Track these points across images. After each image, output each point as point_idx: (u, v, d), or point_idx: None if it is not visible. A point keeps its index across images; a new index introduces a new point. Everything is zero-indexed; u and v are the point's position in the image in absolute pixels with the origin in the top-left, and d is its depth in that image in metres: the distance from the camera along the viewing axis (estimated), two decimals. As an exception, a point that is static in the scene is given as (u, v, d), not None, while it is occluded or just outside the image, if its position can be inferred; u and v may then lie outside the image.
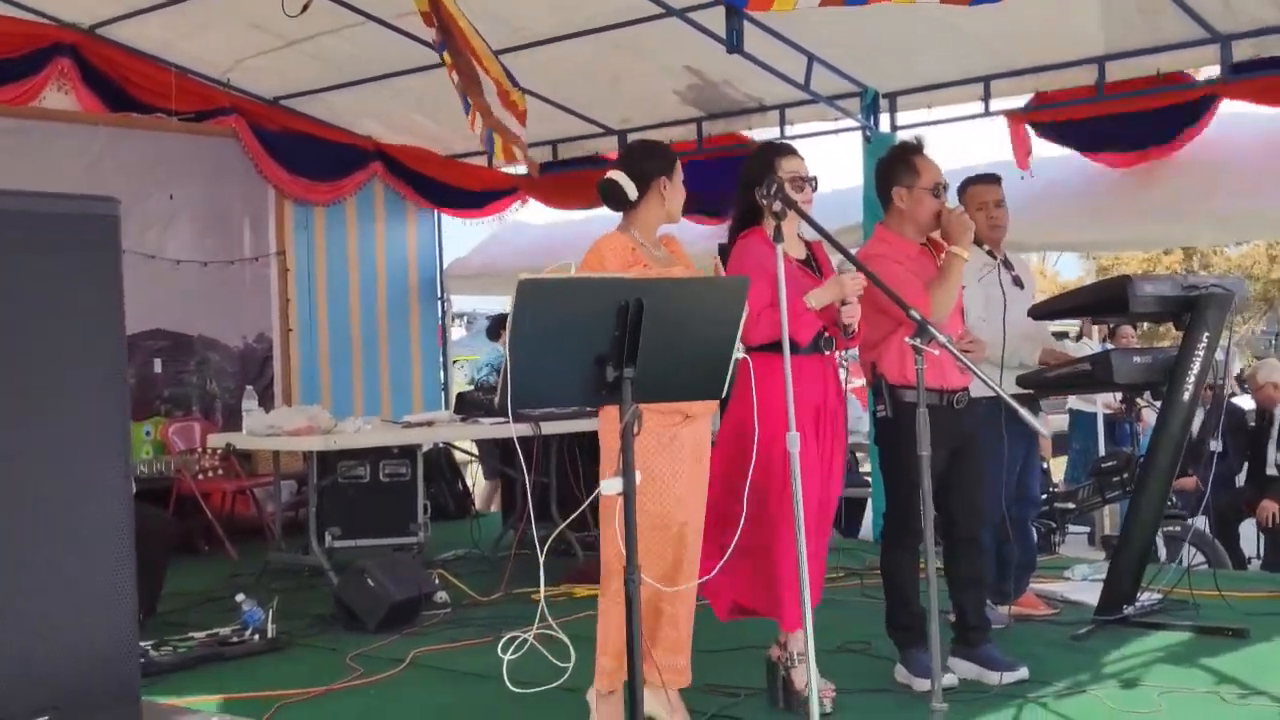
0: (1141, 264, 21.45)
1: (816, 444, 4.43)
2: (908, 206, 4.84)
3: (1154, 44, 7.26)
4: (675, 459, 4.13)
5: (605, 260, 4.08)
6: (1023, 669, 4.81)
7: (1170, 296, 5.66)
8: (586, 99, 9.21)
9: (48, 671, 2.28)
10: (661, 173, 4.26)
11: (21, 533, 2.31)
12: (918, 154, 4.89)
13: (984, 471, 4.95)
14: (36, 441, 2.32)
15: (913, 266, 4.71)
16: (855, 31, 7.63)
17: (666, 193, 4.26)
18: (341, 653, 5.52)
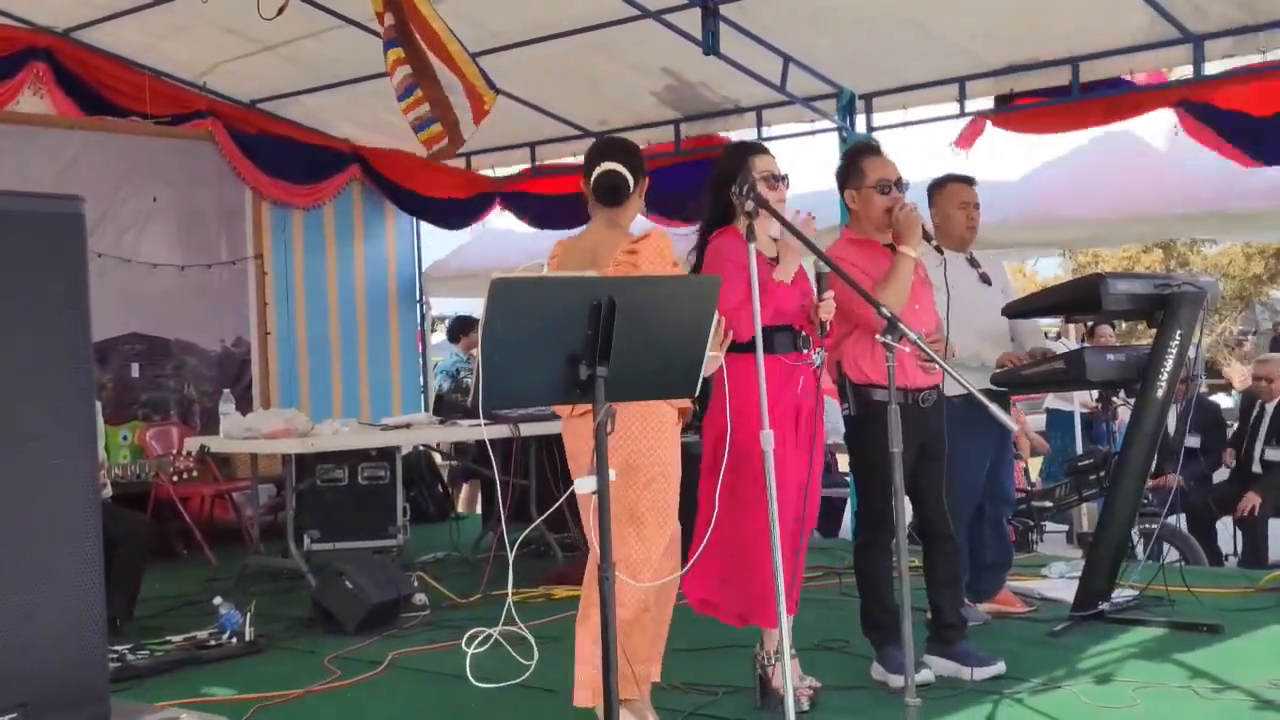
0: (1120, 263, 21.54)
1: (796, 444, 4.44)
2: (859, 206, 4.89)
3: (1127, 44, 7.31)
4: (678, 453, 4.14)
5: (564, 261, 4.11)
6: (999, 664, 4.84)
7: (1143, 295, 5.69)
8: (564, 101, 9.22)
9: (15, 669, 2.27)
10: (641, 174, 4.30)
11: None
12: (864, 155, 4.94)
13: (955, 469, 4.96)
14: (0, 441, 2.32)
15: (864, 265, 4.71)
16: (831, 33, 7.67)
17: (643, 188, 4.31)
18: (320, 655, 5.52)
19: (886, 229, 4.77)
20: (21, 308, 2.23)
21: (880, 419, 3.87)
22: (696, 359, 3.46)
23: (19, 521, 2.25)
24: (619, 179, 4.27)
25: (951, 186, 5.82)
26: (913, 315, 4.65)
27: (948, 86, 8.11)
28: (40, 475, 2.27)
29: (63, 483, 2.28)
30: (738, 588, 4.49)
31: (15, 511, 2.25)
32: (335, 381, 10.35)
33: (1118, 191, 8.34)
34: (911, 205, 4.72)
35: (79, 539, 2.30)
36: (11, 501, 2.25)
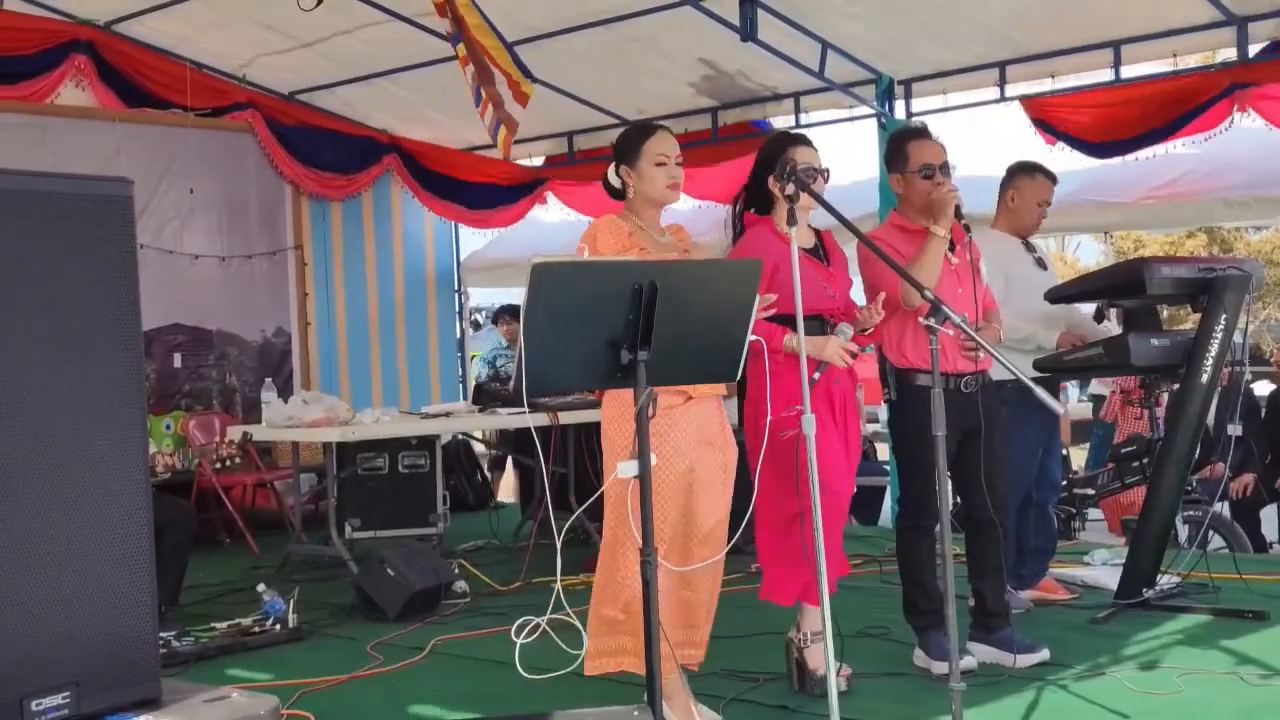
0: (1162, 248, 21.33)
1: (834, 426, 4.43)
2: (903, 191, 4.88)
3: (1169, 27, 7.23)
4: (675, 440, 4.10)
5: (598, 240, 4.08)
6: (1043, 651, 4.81)
7: (1187, 278, 5.63)
8: (601, 90, 9.23)
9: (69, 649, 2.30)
10: (622, 162, 4.24)
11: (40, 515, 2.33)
12: (910, 138, 4.91)
13: (1003, 455, 4.93)
14: (53, 425, 2.34)
15: (908, 248, 4.69)
16: (869, 19, 7.63)
17: (631, 180, 4.21)
18: (362, 642, 5.55)
19: (930, 213, 4.74)
20: (73, 288, 2.26)
21: (922, 404, 3.85)
22: (738, 342, 3.47)
23: (71, 504, 2.28)
24: (605, 180, 4.30)
25: (1041, 180, 5.77)
26: (955, 299, 4.62)
27: (987, 71, 8.05)
28: (92, 457, 2.31)
29: (114, 464, 2.31)
30: (794, 568, 4.48)
31: (67, 493, 2.28)
32: (375, 371, 10.39)
33: (1160, 175, 8.26)
34: (951, 186, 4.69)
35: (130, 521, 2.33)
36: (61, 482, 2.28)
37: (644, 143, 4.20)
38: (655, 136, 4.23)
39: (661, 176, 4.19)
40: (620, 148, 4.28)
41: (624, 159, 4.23)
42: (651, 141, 4.21)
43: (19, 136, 8.15)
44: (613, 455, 4.06)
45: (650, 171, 4.19)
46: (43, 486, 2.33)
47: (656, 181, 4.19)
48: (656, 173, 4.19)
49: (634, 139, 4.25)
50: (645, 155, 4.19)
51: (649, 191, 4.21)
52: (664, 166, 4.19)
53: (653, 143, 4.20)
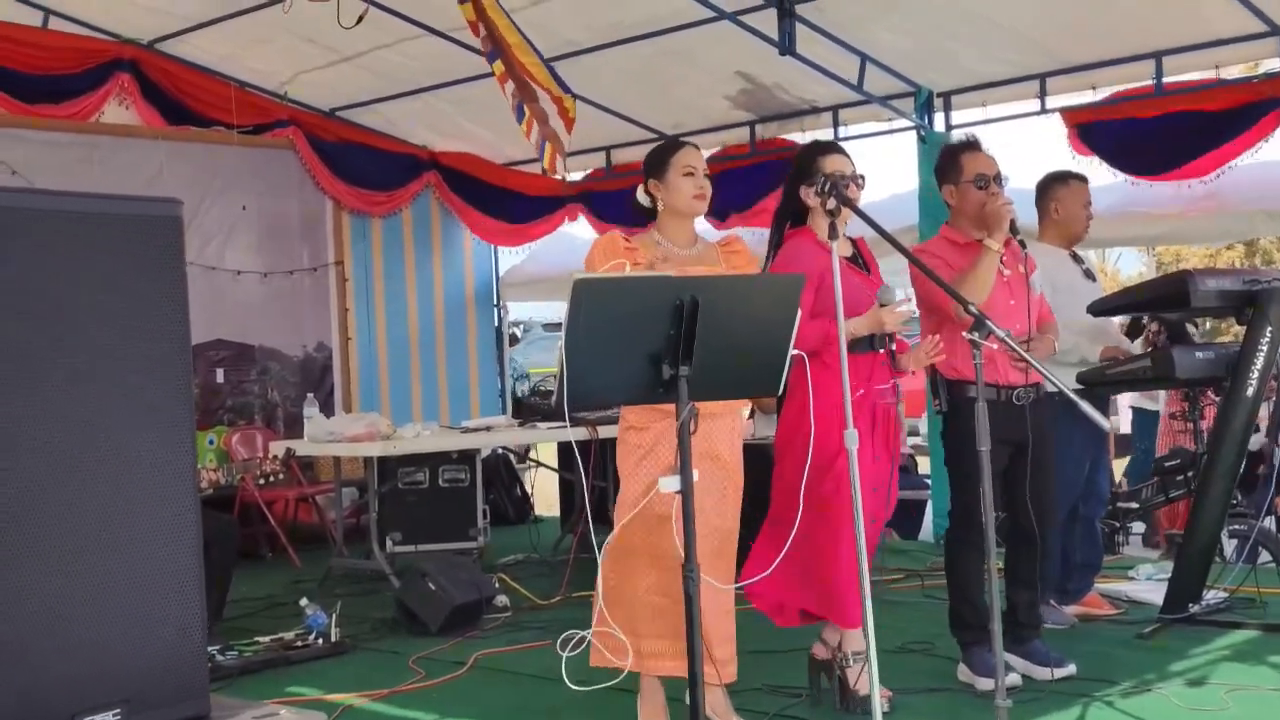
0: (1203, 260, 21.17)
1: (872, 443, 4.42)
2: (956, 202, 4.88)
3: (1211, 38, 7.18)
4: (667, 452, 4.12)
5: (594, 259, 4.13)
6: (1071, 665, 4.79)
7: (1232, 291, 5.59)
8: (638, 105, 9.24)
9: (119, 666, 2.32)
10: (651, 175, 4.28)
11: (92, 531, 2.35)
12: (963, 150, 4.91)
13: (1051, 469, 4.90)
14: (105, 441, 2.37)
15: (960, 261, 4.70)
16: (908, 31, 7.61)
17: (659, 193, 4.25)
18: (404, 655, 5.57)
19: (984, 225, 4.72)
20: (125, 307, 2.28)
21: (970, 416, 3.83)
22: (780, 357, 3.46)
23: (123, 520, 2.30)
24: (633, 200, 4.33)
25: (1076, 184, 5.79)
26: (1007, 311, 4.62)
27: (1027, 84, 8.01)
28: (143, 472, 2.33)
29: (164, 479, 2.33)
30: (814, 587, 4.46)
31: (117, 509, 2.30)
32: (415, 385, 10.43)
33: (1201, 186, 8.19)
34: (1006, 198, 4.68)
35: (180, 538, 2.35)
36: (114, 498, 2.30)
37: (672, 155, 4.26)
38: (683, 150, 4.30)
39: (689, 186, 4.23)
40: (648, 164, 4.33)
41: (652, 173, 4.28)
42: (680, 154, 4.27)
43: (66, 155, 8.25)
44: (626, 459, 4.19)
45: (678, 182, 4.23)
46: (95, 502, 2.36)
47: (683, 191, 4.23)
48: (684, 183, 4.22)
49: (661, 153, 4.32)
50: (673, 167, 4.24)
51: (676, 202, 4.24)
52: (691, 177, 4.23)
53: (681, 155, 4.26)
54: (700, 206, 4.29)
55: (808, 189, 4.41)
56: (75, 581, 2.29)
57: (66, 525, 2.28)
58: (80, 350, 2.29)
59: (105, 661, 2.27)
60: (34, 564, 2.25)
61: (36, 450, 2.26)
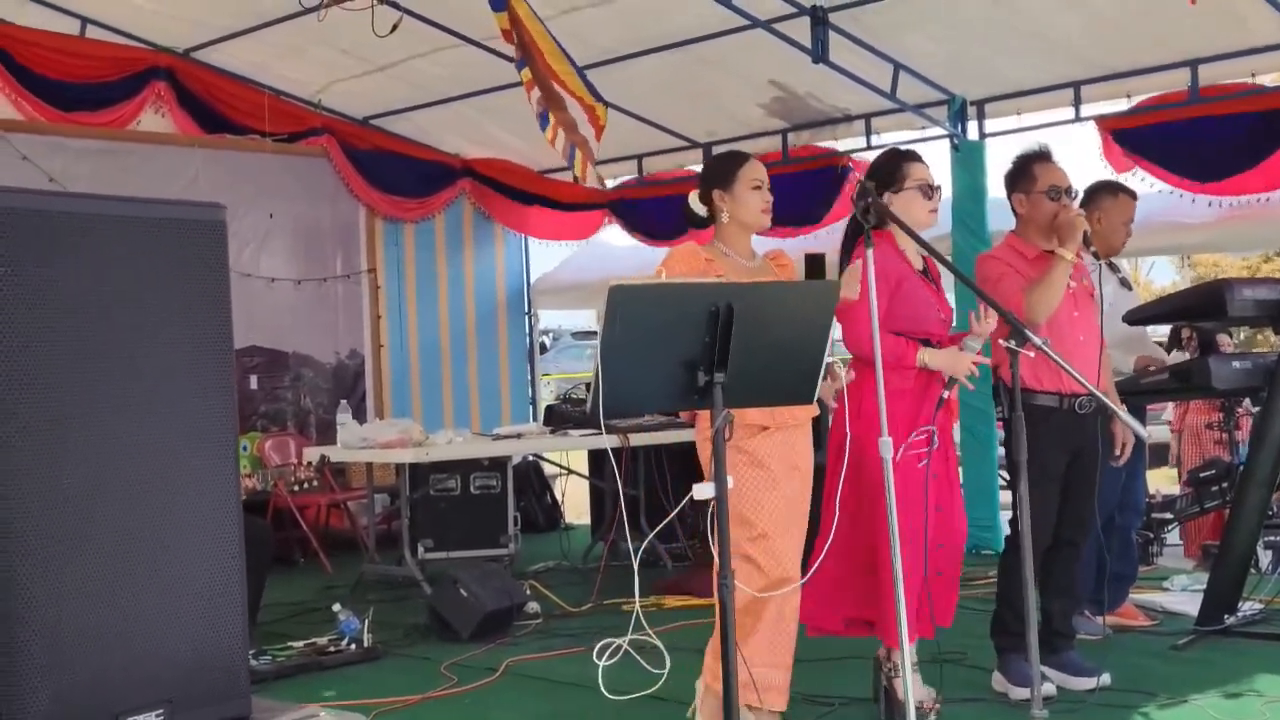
0: (1240, 271, 21.04)
1: (933, 458, 4.39)
2: (1026, 211, 4.88)
3: (1247, 46, 7.13)
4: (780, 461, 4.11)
5: (675, 268, 4.10)
6: (1105, 675, 4.77)
7: (1269, 300, 5.56)
8: (670, 113, 9.25)
9: (161, 667, 2.34)
10: (715, 186, 4.26)
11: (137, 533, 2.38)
12: (1036, 160, 4.90)
13: (1094, 480, 4.88)
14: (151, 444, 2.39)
15: (1028, 271, 4.70)
16: (941, 39, 7.59)
17: (725, 204, 4.23)
18: (436, 662, 5.58)
19: (1052, 236, 4.72)
20: (170, 308, 2.31)
21: (1034, 424, 3.83)
22: (815, 365, 3.45)
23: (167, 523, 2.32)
24: (685, 209, 4.32)
25: (1124, 199, 5.74)
26: (1071, 322, 4.64)
27: (1062, 91, 7.98)
28: (187, 477, 2.35)
29: (207, 484, 2.35)
30: (867, 601, 4.44)
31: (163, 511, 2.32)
32: (446, 392, 10.46)
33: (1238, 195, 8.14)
34: (1078, 210, 4.70)
35: (222, 540, 2.36)
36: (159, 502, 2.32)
37: (740, 168, 4.26)
38: (750, 162, 4.29)
39: (757, 200, 4.23)
40: (713, 173, 4.32)
41: (717, 183, 4.26)
42: (747, 167, 4.27)
43: (104, 162, 8.32)
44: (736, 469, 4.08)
45: (746, 195, 4.23)
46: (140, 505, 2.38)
47: (752, 205, 4.23)
48: (752, 196, 4.23)
49: (728, 164, 4.30)
50: (741, 180, 4.23)
51: (744, 216, 4.24)
52: (759, 191, 4.23)
53: (748, 168, 4.26)
54: (767, 220, 4.30)
55: (893, 196, 4.41)
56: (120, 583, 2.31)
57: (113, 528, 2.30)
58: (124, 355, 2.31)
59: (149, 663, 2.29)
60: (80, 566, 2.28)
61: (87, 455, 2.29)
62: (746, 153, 4.43)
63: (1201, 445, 8.39)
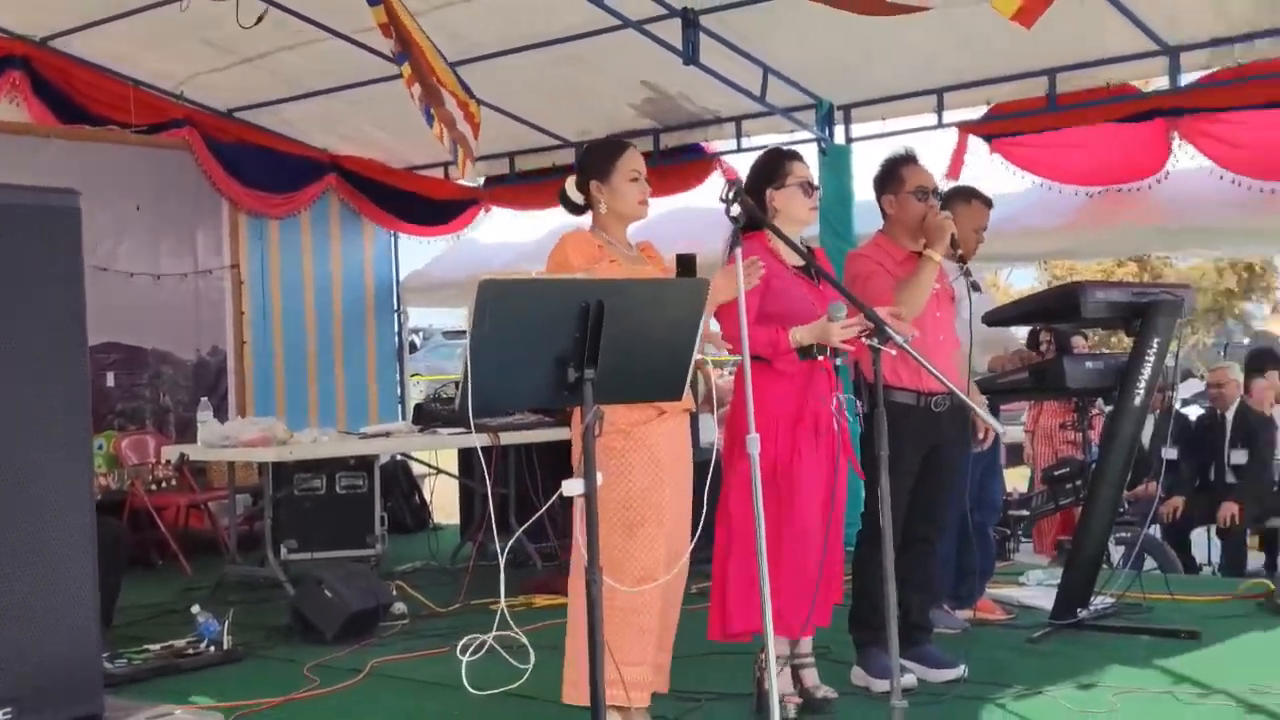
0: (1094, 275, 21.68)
1: (817, 452, 4.42)
2: (894, 212, 4.96)
3: (1103, 56, 7.36)
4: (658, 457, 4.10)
5: (569, 255, 4.07)
6: (963, 667, 4.87)
7: (1121, 302, 5.74)
8: (543, 111, 9.24)
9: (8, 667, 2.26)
10: (593, 177, 4.23)
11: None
12: (903, 163, 4.99)
13: (950, 476, 4.99)
14: (0, 439, 2.31)
15: (896, 271, 4.78)
16: (810, 44, 7.70)
17: (603, 195, 4.21)
18: (299, 663, 5.49)
19: (920, 236, 4.80)
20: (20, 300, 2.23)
21: (891, 420, 3.89)
22: (685, 361, 3.47)
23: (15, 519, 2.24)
24: (562, 196, 4.31)
25: (978, 205, 5.75)
26: (934, 322, 4.73)
27: (926, 98, 8.15)
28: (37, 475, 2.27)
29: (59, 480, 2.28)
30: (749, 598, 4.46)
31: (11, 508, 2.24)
32: (311, 391, 10.30)
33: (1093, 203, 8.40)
34: (946, 213, 4.79)
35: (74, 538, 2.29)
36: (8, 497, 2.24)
37: (618, 158, 4.22)
38: (628, 153, 4.26)
39: (635, 191, 4.22)
40: (590, 162, 4.29)
41: (594, 174, 4.23)
42: (625, 157, 4.23)
43: (-46, 153, 8.03)
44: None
45: (624, 187, 4.21)
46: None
47: (630, 196, 4.21)
48: (630, 188, 4.21)
49: (606, 154, 4.27)
50: (619, 171, 4.21)
51: (622, 207, 4.23)
52: (636, 182, 4.22)
53: (626, 158, 4.23)
54: (644, 211, 4.29)
55: (775, 192, 4.45)
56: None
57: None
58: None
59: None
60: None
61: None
62: (626, 141, 4.40)
63: (1054, 445, 8.63)
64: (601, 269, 4.02)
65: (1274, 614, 5.97)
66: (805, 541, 4.33)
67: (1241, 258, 23.02)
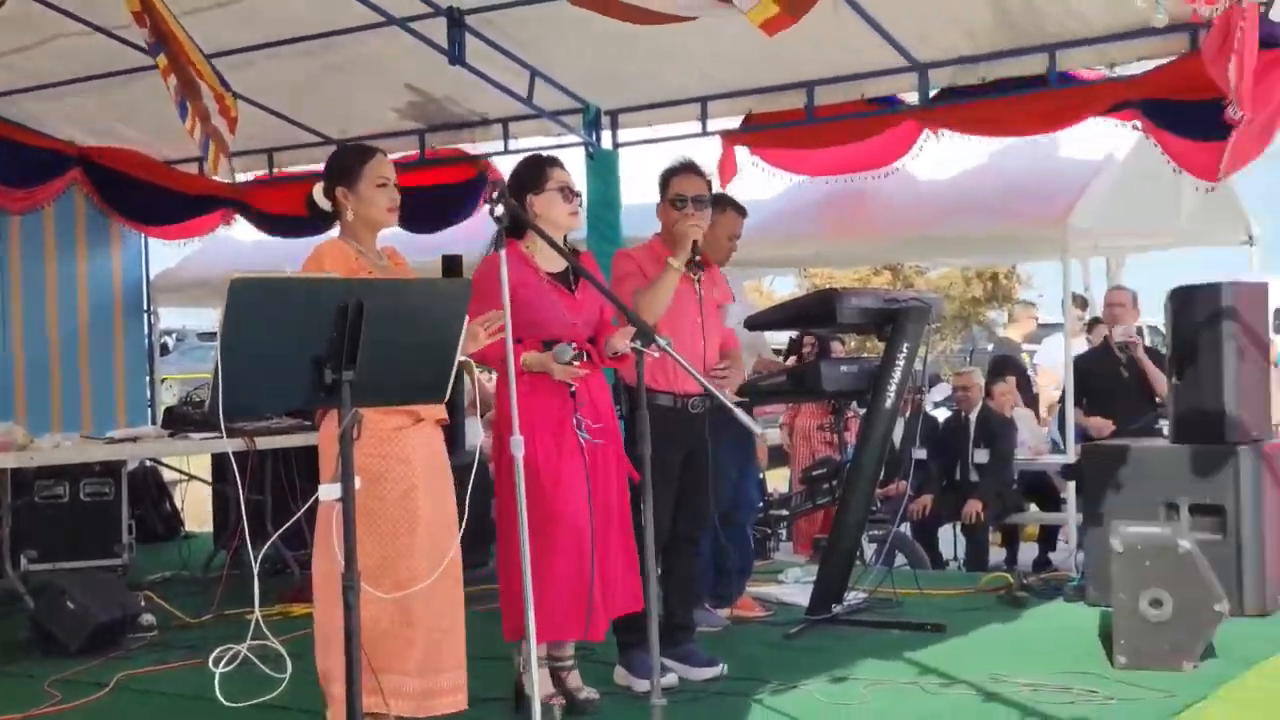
0: (852, 283, 22.38)
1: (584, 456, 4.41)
2: (660, 218, 5.10)
3: (860, 70, 7.61)
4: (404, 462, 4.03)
5: (324, 264, 3.98)
6: (722, 665, 4.99)
7: (874, 309, 5.96)
8: (305, 109, 9.00)
9: None
10: (339, 183, 4.14)
11: None
12: (672, 171, 5.11)
13: (709, 477, 5.07)
14: None
15: (650, 271, 4.89)
16: (578, 49, 7.72)
17: (349, 202, 4.12)
18: (40, 679, 5.22)
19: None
20: None
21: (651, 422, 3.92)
22: (447, 364, 3.43)
23: None
24: (309, 203, 4.20)
25: (731, 214, 5.75)
26: (694, 327, 4.90)
27: (691, 105, 8.28)
28: None
29: None
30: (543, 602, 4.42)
31: None
32: (55, 394, 9.81)
33: (849, 213, 8.68)
34: (694, 221, 4.85)
35: None
36: None
37: (364, 165, 4.14)
38: (376, 159, 4.18)
39: (383, 199, 4.14)
40: (336, 169, 4.19)
41: (341, 180, 4.14)
42: (372, 164, 4.15)
43: None
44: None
45: (371, 194, 4.12)
46: None
47: (378, 204, 4.13)
48: (378, 194, 4.13)
49: (352, 160, 4.18)
50: (366, 177, 4.12)
51: (369, 214, 4.14)
52: (384, 189, 4.14)
53: (373, 165, 4.15)
54: (393, 219, 4.20)
55: (535, 197, 4.43)
56: None
57: None
58: None
59: None
60: None
61: None
62: (373, 148, 4.33)
63: (813, 445, 8.88)
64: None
65: (1013, 605, 6.28)
66: (575, 545, 4.33)
67: (987, 267, 24.12)
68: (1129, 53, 6.85)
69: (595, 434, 4.45)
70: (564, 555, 4.33)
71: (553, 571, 4.29)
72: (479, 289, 3.97)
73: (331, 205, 4.15)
